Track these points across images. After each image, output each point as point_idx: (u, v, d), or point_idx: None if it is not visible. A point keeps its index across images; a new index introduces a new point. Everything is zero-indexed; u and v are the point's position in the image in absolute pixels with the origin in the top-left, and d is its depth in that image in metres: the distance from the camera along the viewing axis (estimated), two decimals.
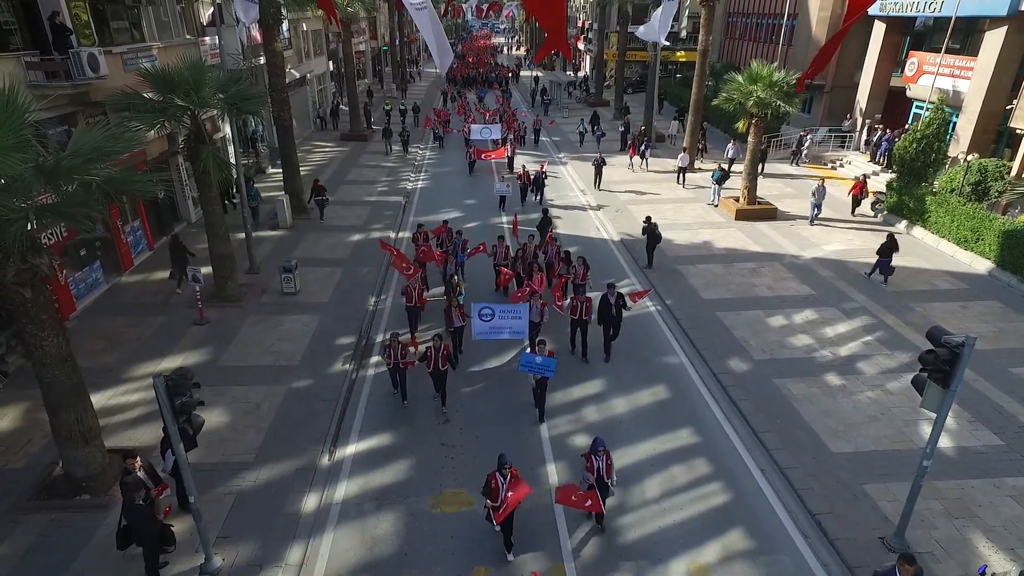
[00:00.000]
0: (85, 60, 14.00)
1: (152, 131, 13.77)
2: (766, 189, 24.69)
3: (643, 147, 28.72)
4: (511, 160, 28.61)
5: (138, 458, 8.51)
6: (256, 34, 24.59)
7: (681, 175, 26.56)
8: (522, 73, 67.50)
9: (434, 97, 51.18)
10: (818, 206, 21.38)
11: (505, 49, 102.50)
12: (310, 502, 9.72)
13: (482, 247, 16.30)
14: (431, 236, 16.93)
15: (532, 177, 24.06)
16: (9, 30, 13.94)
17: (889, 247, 16.66)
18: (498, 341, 13.27)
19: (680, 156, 26.69)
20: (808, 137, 29.45)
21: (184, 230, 20.47)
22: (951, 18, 22.42)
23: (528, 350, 12.06)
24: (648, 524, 9.34)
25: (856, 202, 22.58)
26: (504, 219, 22.34)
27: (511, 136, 31.88)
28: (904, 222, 21.13)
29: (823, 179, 22.29)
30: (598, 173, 25.96)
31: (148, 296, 16.20)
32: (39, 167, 7.56)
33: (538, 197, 24.16)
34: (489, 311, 11.96)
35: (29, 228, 7.96)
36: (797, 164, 29.19)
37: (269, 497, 9.71)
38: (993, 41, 21.99)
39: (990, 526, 9.11)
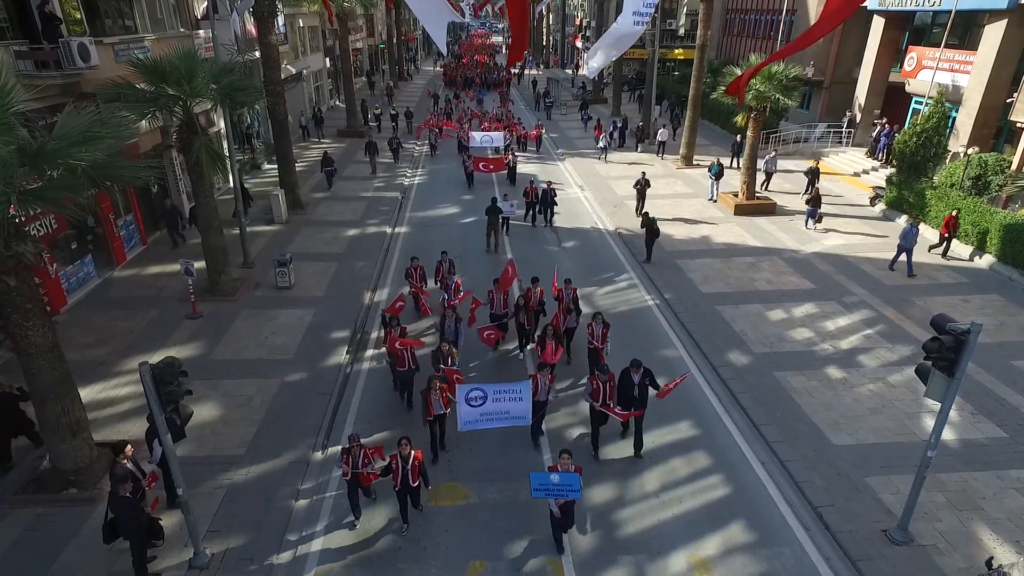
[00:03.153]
0: (76, 50, 13.80)
1: (143, 121, 13.58)
2: (778, 186, 24.54)
3: (612, 130, 32.00)
4: (513, 171, 25.91)
5: (129, 446, 8.35)
6: (251, 28, 24.41)
7: (661, 149, 30.17)
8: (525, 72, 65.60)
9: (426, 100, 45.46)
10: (909, 251, 16.64)
11: (504, 48, 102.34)
12: (302, 496, 9.54)
13: (475, 302, 13.38)
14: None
15: (539, 194, 20.79)
16: None
17: (815, 199, 20.24)
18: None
19: (659, 131, 30.43)
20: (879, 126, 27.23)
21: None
22: (951, 12, 22.30)
23: (537, 451, 9.99)
24: (647, 517, 9.17)
25: (945, 241, 18.00)
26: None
27: (513, 144, 29.21)
28: (904, 216, 20.98)
29: (918, 216, 17.78)
30: (641, 197, 21.46)
31: (141, 290, 16.00)
32: (22, 149, 7.38)
33: (547, 218, 21.06)
34: (480, 393, 9.33)
35: (13, 214, 7.79)
36: (876, 157, 27.52)
37: (261, 491, 9.53)
38: (993, 35, 21.85)
39: (995, 518, 8.96)
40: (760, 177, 23.75)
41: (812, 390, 12.00)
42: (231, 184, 20.09)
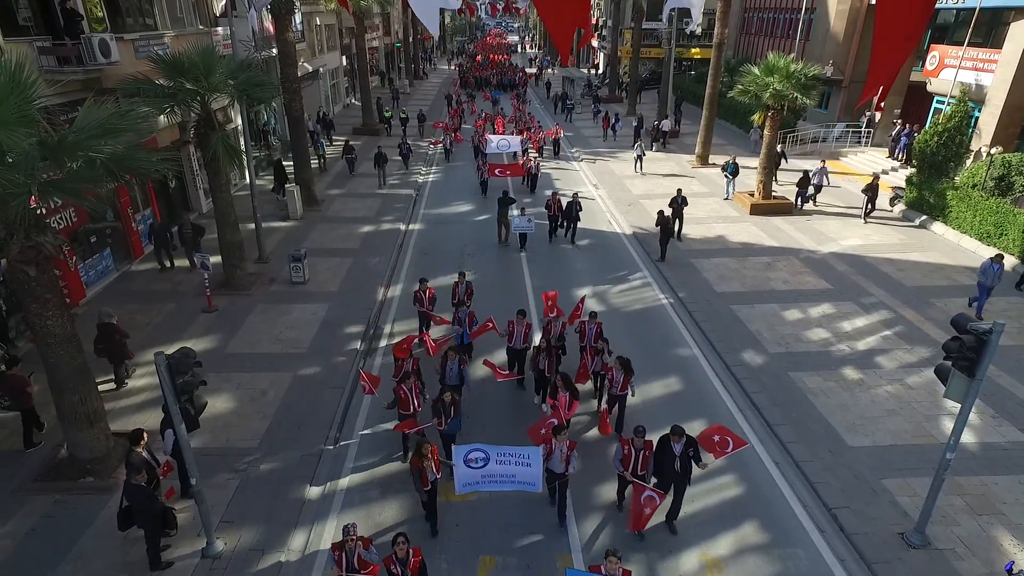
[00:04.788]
0: (96, 46, 14.01)
1: (162, 116, 13.73)
2: (787, 182, 24.30)
3: (615, 122, 34.03)
4: (535, 179, 24.78)
5: (145, 435, 8.45)
6: (269, 25, 24.62)
7: (664, 138, 31.79)
8: (548, 71, 63.67)
9: (441, 102, 44.17)
10: (988, 290, 14.44)
11: (520, 47, 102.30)
12: (314, 488, 9.59)
13: (490, 324, 11.95)
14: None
15: (564, 206, 19.12)
16: (21, 16, 13.95)
17: (804, 181, 21.59)
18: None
19: (663, 122, 32.01)
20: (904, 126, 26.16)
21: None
22: (975, 10, 21.90)
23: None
24: (659, 515, 9.05)
25: None
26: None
27: (531, 149, 28.37)
28: (924, 217, 20.65)
29: (1001, 254, 14.67)
30: (677, 218, 19.10)
31: (158, 284, 16.20)
32: (43, 142, 7.49)
33: (568, 233, 19.49)
34: (481, 455, 8.14)
35: (34, 206, 7.91)
36: (896, 157, 26.52)
37: (273, 483, 9.59)
38: (1018, 33, 21.41)
39: (1016, 523, 8.78)
40: (808, 190, 22.19)
41: (828, 391, 11.84)
42: (247, 180, 20.24)
